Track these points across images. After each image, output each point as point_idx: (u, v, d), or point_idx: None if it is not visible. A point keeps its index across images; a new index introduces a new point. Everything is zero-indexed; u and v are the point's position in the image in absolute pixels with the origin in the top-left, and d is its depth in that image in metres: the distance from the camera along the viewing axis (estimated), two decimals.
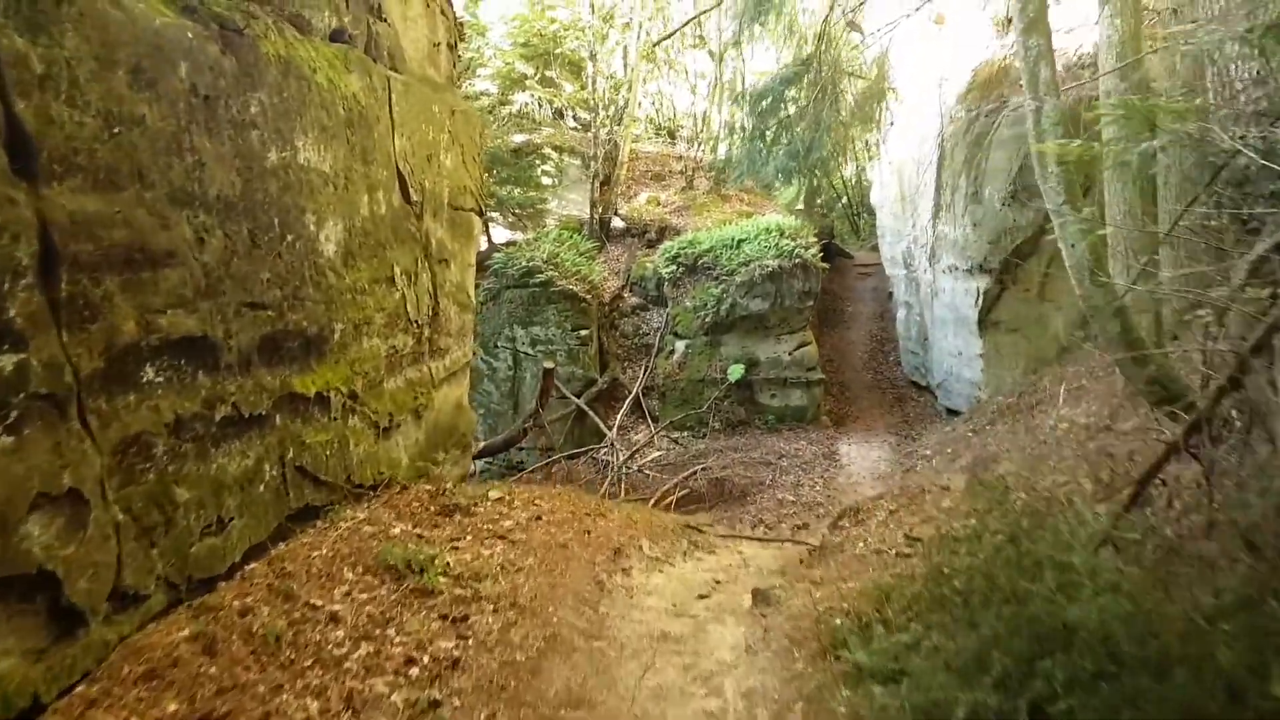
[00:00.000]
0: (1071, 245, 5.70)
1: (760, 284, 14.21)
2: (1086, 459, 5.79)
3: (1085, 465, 5.11)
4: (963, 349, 13.36)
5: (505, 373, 15.81)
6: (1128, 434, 6.32)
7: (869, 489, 11.31)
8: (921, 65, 15.41)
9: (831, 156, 12.03)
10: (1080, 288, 5.76)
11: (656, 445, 14.19)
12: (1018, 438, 9.82)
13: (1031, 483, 4.89)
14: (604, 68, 19.13)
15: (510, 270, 15.45)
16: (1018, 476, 5.09)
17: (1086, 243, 5.63)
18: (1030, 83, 5.69)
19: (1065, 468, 5.02)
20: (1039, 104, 5.64)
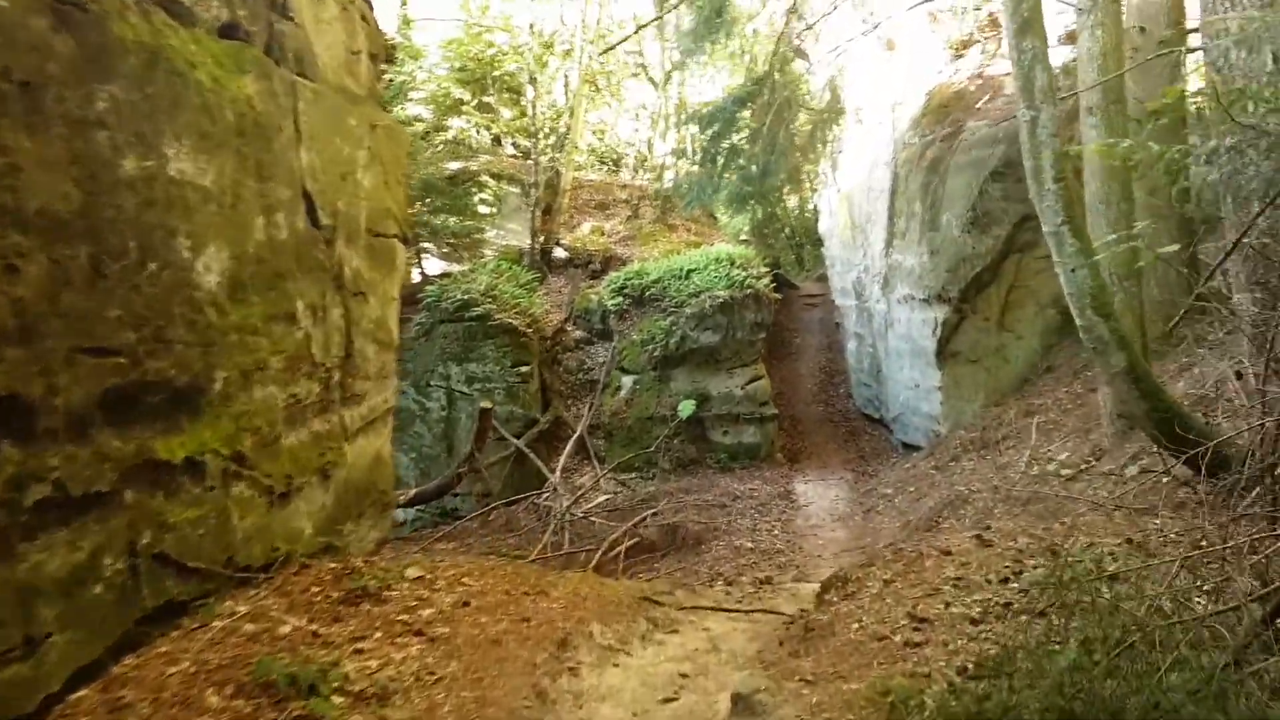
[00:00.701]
0: (1071, 271, 5.10)
1: (711, 316, 13.53)
2: (1097, 511, 5.13)
3: (1104, 521, 4.44)
4: (920, 381, 12.84)
5: (439, 413, 14.80)
6: (1133, 480, 5.70)
7: (830, 531, 10.62)
8: (873, 90, 15.06)
9: (787, 182, 11.45)
10: (1081, 318, 5.15)
11: (603, 488, 13.32)
12: (986, 477, 9.23)
13: (1047, 543, 4.17)
14: (545, 93, 18.45)
15: (444, 303, 14.52)
16: (1028, 534, 4.38)
17: (1090, 269, 5.02)
18: (1025, 89, 5.12)
19: (1084, 525, 4.33)
20: (1035, 113, 5.06)
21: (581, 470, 14.09)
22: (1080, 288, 5.06)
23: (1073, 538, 4.18)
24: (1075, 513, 5.34)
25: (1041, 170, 5.07)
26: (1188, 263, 8.87)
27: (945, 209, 12.04)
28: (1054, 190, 5.04)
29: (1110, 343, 4.98)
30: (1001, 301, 11.85)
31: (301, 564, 4.64)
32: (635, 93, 23.64)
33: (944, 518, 8.85)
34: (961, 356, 12.14)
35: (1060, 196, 5.04)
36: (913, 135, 13.29)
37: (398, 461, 15.29)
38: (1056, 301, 11.63)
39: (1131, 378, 4.94)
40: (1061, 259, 5.13)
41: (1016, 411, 10.65)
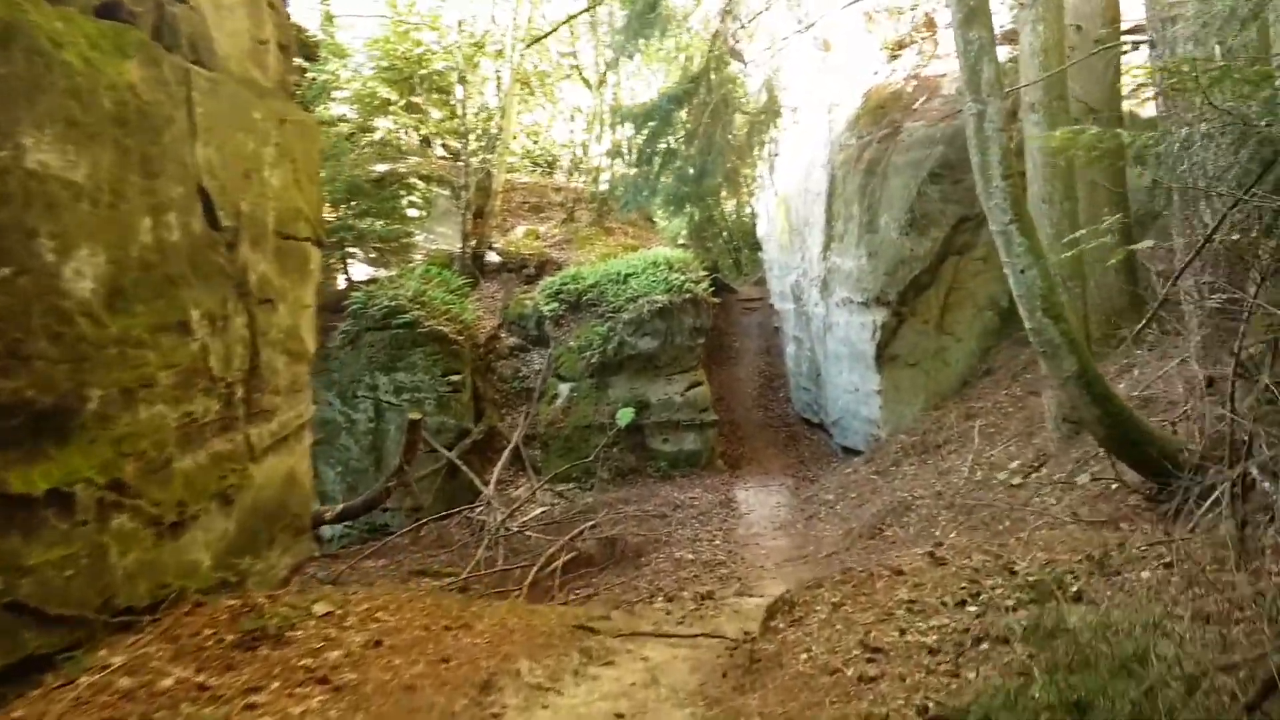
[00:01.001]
0: (1020, 272, 4.91)
1: (649, 321, 13.23)
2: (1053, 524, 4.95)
3: (1061, 534, 4.23)
4: (859, 385, 12.73)
5: (366, 425, 14.19)
6: (1084, 488, 5.54)
7: (771, 540, 10.38)
8: (809, 92, 14.96)
9: (724, 183, 11.21)
10: (1031, 320, 4.96)
11: (539, 500, 12.90)
12: (929, 482, 9.09)
13: (1003, 560, 3.94)
14: (476, 94, 17.95)
15: (371, 311, 13.92)
16: (982, 551, 4.14)
17: (1039, 269, 4.84)
18: (971, 82, 4.92)
19: (1040, 539, 4.11)
20: (982, 106, 4.86)
21: (517, 482, 13.65)
22: (1030, 289, 4.87)
23: (1029, 554, 3.94)
24: (1028, 525, 5.16)
25: (989, 166, 4.88)
26: (1124, 264, 8.89)
27: (883, 211, 11.95)
28: (1002, 187, 4.84)
29: (1061, 346, 4.81)
30: (940, 304, 11.81)
31: (195, 602, 4.16)
32: (570, 96, 23.30)
33: (887, 525, 8.68)
34: (900, 360, 12.07)
35: (1008, 194, 4.84)
36: (850, 137, 13.20)
37: (323, 476, 14.70)
38: (994, 304, 11.66)
39: (1083, 382, 4.77)
40: (1010, 259, 4.94)
41: (957, 415, 10.58)
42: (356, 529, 14.17)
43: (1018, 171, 4.85)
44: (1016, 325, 11.73)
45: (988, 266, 11.73)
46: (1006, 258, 4.96)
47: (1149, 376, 7.08)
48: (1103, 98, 7.77)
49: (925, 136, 11.61)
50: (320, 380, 14.40)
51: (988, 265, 11.73)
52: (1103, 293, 9.02)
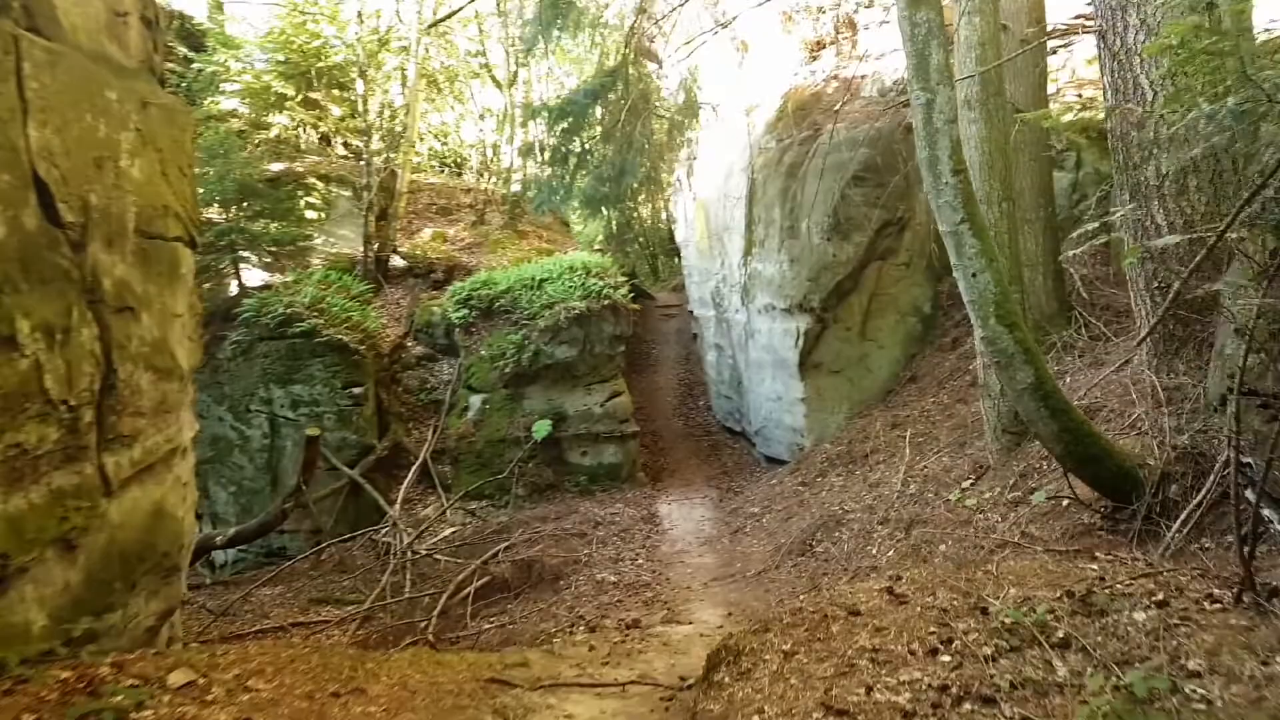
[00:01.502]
0: (973, 275, 4.54)
1: (567, 328, 12.63)
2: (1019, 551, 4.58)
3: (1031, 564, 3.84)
4: (782, 393, 12.42)
5: (260, 442, 13.17)
6: (1033, 506, 5.20)
7: (697, 557, 9.92)
8: (726, 94, 14.64)
9: (644, 184, 10.72)
10: (983, 328, 4.59)
11: (449, 520, 12.15)
12: (859, 495, 8.78)
13: (973, 598, 3.52)
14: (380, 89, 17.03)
15: (264, 319, 12.92)
16: (947, 587, 3.72)
17: (992, 273, 4.47)
18: (919, 69, 4.52)
19: (1010, 572, 3.71)
20: (930, 95, 4.47)
21: (425, 501, 12.85)
22: (982, 295, 4.51)
23: (1001, 590, 3.53)
24: (982, 548, 4.81)
25: (938, 161, 4.50)
26: (1051, 269, 8.76)
27: (805, 215, 11.68)
28: (953, 184, 4.47)
29: (1016, 356, 4.45)
30: (863, 310, 11.60)
31: (17, 678, 3.38)
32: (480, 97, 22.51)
33: (817, 541, 8.32)
34: (824, 367, 11.80)
35: (959, 191, 4.47)
36: (769, 139, 12.91)
37: (214, 496, 13.61)
38: (917, 310, 11.50)
39: (1040, 394, 4.42)
40: (961, 262, 4.57)
41: (883, 423, 10.34)
42: (252, 553, 13.20)
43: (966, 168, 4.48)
44: (939, 332, 11.70)
45: (910, 272, 11.61)
46: (957, 260, 4.59)
47: (1083, 383, 6.89)
48: (1030, 98, 7.59)
49: (848, 139, 11.38)
50: (211, 394, 13.34)
51: (910, 271, 11.60)
52: (1031, 298, 8.89)
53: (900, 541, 6.73)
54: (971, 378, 9.88)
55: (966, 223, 4.46)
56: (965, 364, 10.40)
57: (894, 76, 11.59)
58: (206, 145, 14.02)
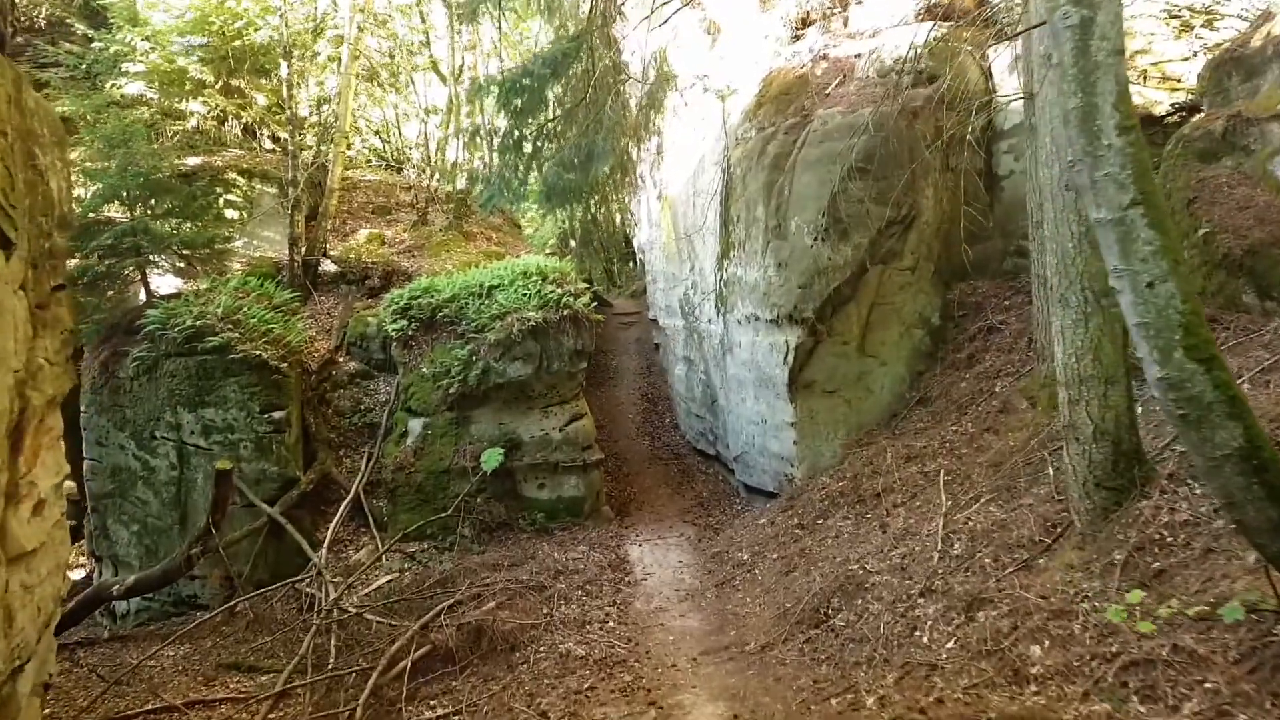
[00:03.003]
0: (1148, 285, 3.04)
1: (520, 342, 10.95)
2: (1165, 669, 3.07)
3: None
4: (767, 416, 10.91)
5: (167, 474, 11.29)
6: (1202, 622, 3.70)
7: (680, 618, 8.35)
8: (695, 82, 13.12)
9: (616, 169, 9.10)
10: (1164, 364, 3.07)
11: (385, 566, 10.39)
12: (881, 549, 7.27)
13: None
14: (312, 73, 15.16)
15: (171, 332, 11.04)
16: None
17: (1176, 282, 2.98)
18: None
19: None
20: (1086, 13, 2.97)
21: (358, 542, 11.08)
22: (1162, 314, 3.00)
23: None
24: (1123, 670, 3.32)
25: (1096, 113, 3.01)
26: None
27: (794, 213, 10.20)
28: (1120, 147, 2.99)
29: (1216, 406, 2.97)
30: (862, 322, 10.15)
31: None
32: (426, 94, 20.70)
33: (834, 609, 6.80)
34: (817, 386, 10.32)
35: (1130, 159, 2.99)
36: (748, 128, 11.42)
37: (115, 536, 11.65)
38: (924, 321, 10.13)
39: (1251, 465, 2.97)
40: (1128, 265, 3.06)
41: (895, 455, 8.87)
42: (159, 601, 11.35)
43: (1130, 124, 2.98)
44: (951, 346, 10.26)
45: (916, 278, 10.21)
46: (1122, 263, 3.09)
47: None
48: None
49: (844, 125, 9.94)
50: (111, 419, 11.45)
51: (916, 276, 10.20)
52: None
53: (961, 627, 5.22)
54: (1000, 403, 8.48)
55: (1140, 206, 2.97)
56: (986, 385, 9.02)
57: (895, 54, 10.17)
58: (107, 134, 12.09)
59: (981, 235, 10.63)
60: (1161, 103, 9.98)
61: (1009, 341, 9.39)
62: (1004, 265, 10.39)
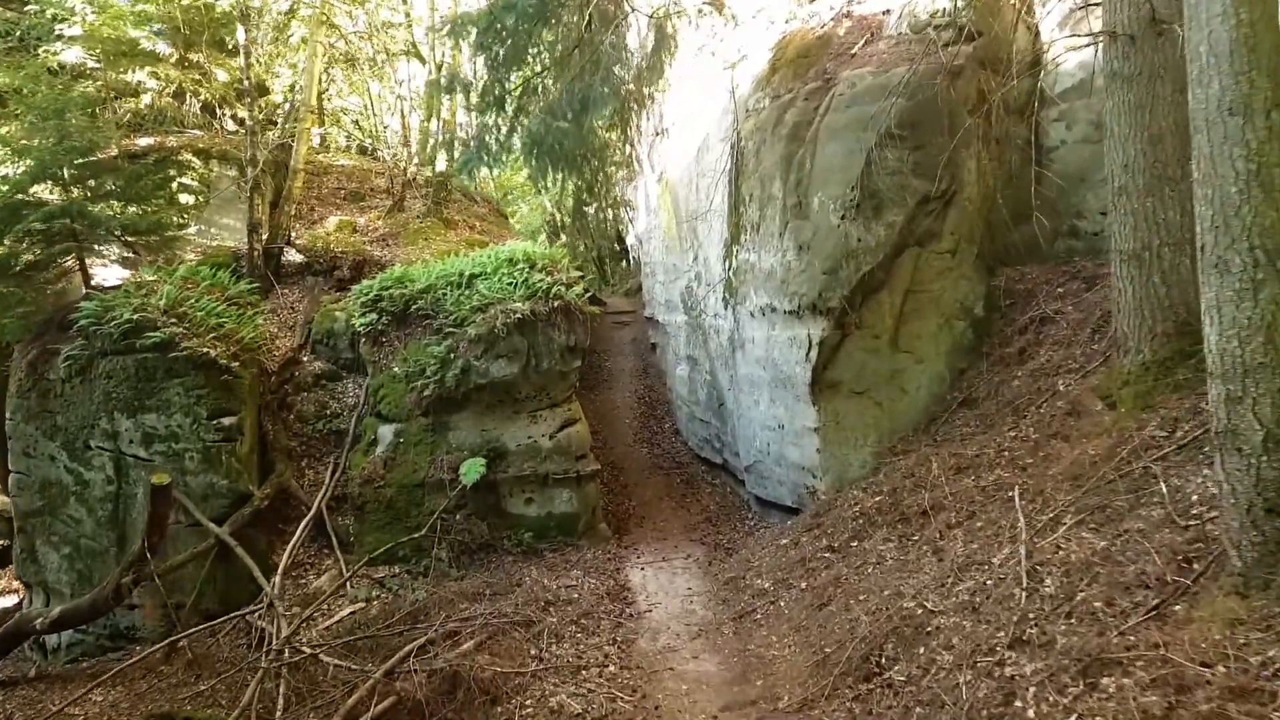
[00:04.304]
0: None
1: (505, 338, 9.64)
2: None
3: None
4: (785, 420, 9.63)
5: (103, 489, 9.96)
6: None
7: (694, 661, 7.06)
8: (697, 53, 11.88)
9: (618, 123, 7.79)
10: None
11: (350, 594, 9.06)
12: (940, 580, 5.98)
13: None
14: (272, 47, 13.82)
15: (107, 328, 9.71)
16: None
17: None
18: None
19: None
20: None
21: (320, 565, 9.76)
22: None
23: None
24: None
25: None
26: None
27: (817, 188, 8.94)
28: None
29: None
30: (895, 312, 8.88)
31: None
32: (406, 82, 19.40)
33: (889, 659, 5.51)
34: (843, 387, 9.05)
35: None
36: (761, 97, 10.17)
37: (43, 560, 10.29)
38: (966, 311, 8.89)
39: None
40: None
41: (941, 466, 7.58)
42: (93, 634, 10.03)
43: None
44: (998, 340, 8.92)
45: (957, 262, 8.95)
46: None
47: None
48: None
49: (874, 86, 8.68)
50: (40, 426, 10.12)
51: (957, 260, 8.95)
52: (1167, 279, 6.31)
53: (1081, 699, 3.94)
54: (1067, 404, 7.20)
55: None
56: (1045, 384, 7.74)
57: (930, 6, 8.93)
58: (38, 105, 10.78)
59: (1028, 215, 9.40)
60: None
61: (1067, 334, 8.12)
62: (1055, 248, 9.14)
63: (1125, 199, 6.42)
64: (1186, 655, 3.80)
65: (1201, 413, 5.86)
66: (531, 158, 7.12)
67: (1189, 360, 6.23)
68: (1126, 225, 6.45)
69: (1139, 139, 6.32)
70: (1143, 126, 6.29)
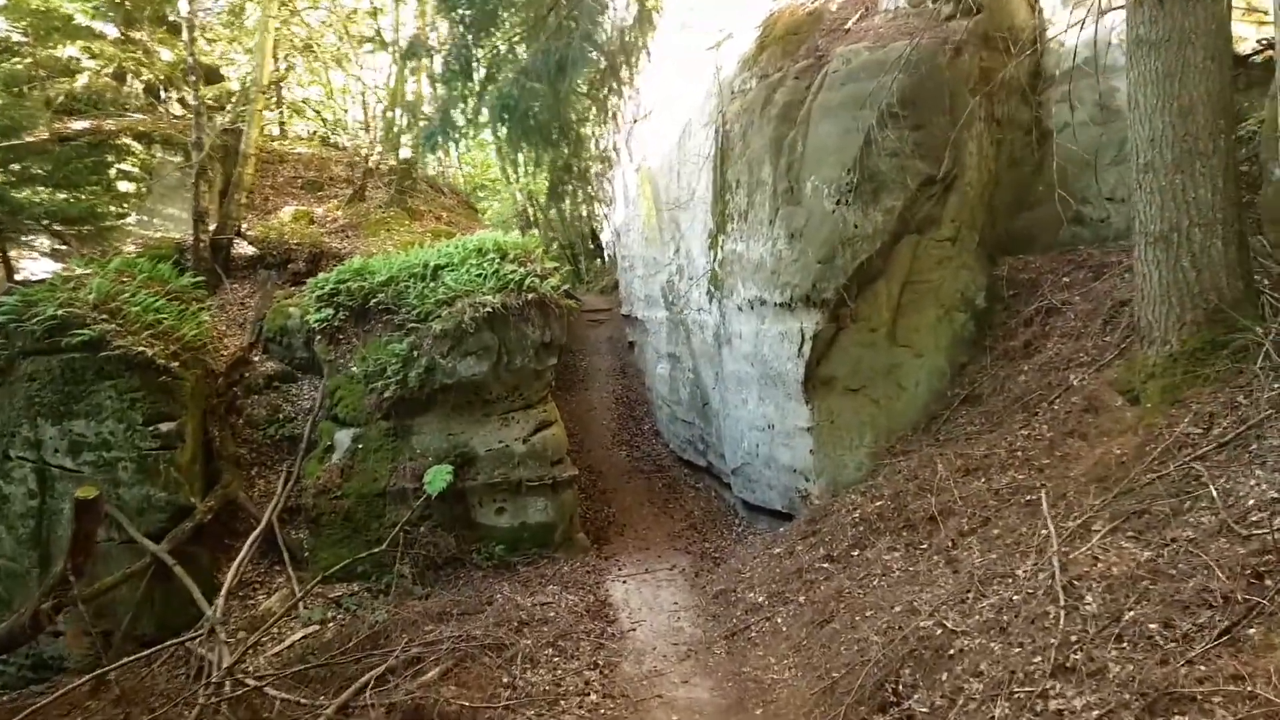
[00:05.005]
0: None
1: (474, 333, 8.92)
2: None
3: None
4: (776, 420, 9.02)
5: (24, 503, 9.04)
6: None
7: (683, 687, 6.43)
8: (680, 30, 11.24)
9: (601, 88, 7.09)
10: None
11: (304, 616, 8.27)
12: (959, 598, 5.37)
13: None
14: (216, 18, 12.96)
15: (29, 325, 8.83)
16: None
17: None
18: None
19: None
20: None
21: (271, 584, 8.94)
22: None
23: None
24: None
25: None
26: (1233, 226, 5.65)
27: (810, 171, 8.35)
28: None
29: None
30: (893, 304, 8.30)
31: None
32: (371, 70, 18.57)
33: (906, 687, 4.90)
34: (838, 383, 8.46)
35: None
36: (748, 78, 9.59)
37: None
38: (967, 302, 8.34)
39: None
40: None
41: (947, 467, 7.00)
42: (14, 665, 9.08)
43: None
44: (1001, 333, 8.32)
45: (957, 250, 8.40)
46: None
47: None
48: None
49: (871, 62, 8.11)
50: None
51: (957, 249, 8.40)
52: (1206, 273, 5.75)
53: None
54: (1083, 399, 6.64)
55: None
56: (1056, 378, 7.19)
57: None
58: None
59: (1030, 201, 8.88)
60: (1247, 39, 8.27)
61: (1077, 325, 7.59)
62: (1059, 236, 8.61)
63: (1152, 176, 5.87)
64: (1277, 690, 3.22)
65: (1240, 407, 5.33)
66: (501, 123, 6.39)
67: (1221, 351, 5.70)
68: (1153, 204, 5.90)
69: (1167, 110, 5.77)
70: (1171, 97, 5.74)
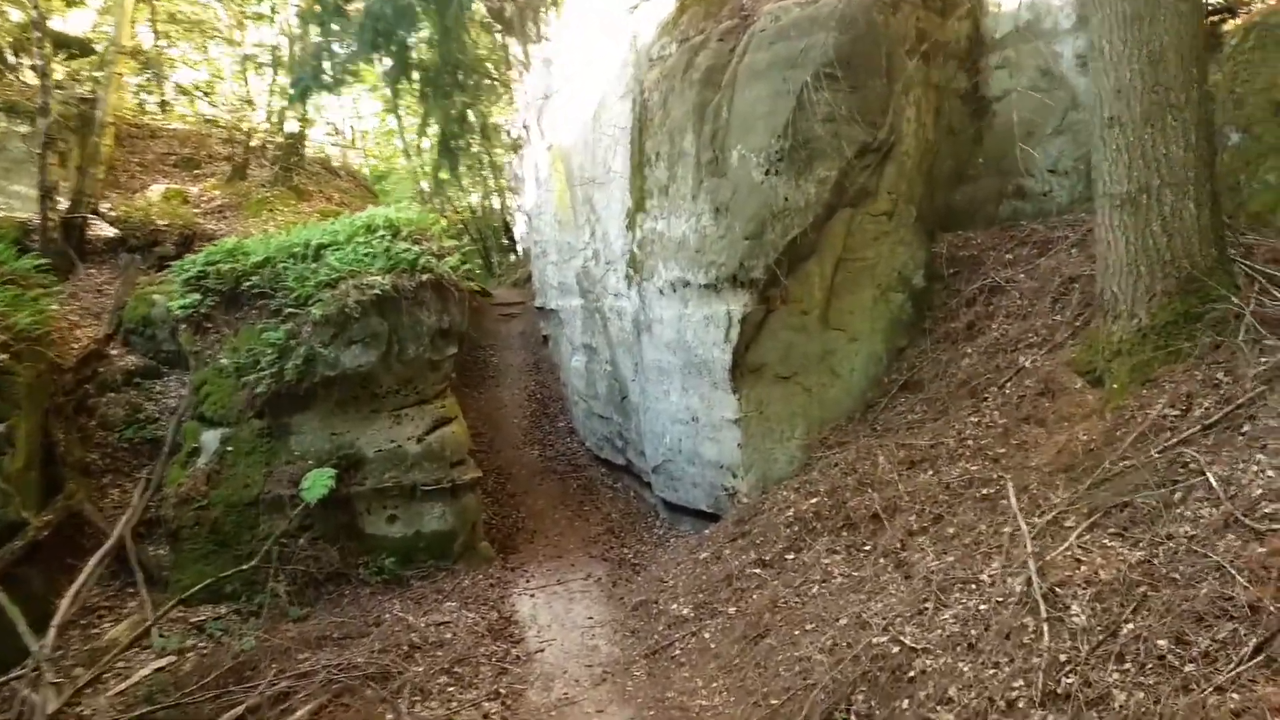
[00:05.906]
0: None
1: (360, 319, 7.84)
2: None
3: None
4: (700, 412, 8.24)
5: None
6: None
7: (595, 713, 5.57)
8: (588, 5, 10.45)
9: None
10: None
11: (158, 645, 7.08)
12: (915, 607, 4.66)
13: None
14: None
15: None
16: None
17: None
18: None
19: None
20: None
21: (123, 608, 7.69)
22: None
23: None
24: None
25: None
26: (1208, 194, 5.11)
27: (736, 140, 7.61)
28: None
29: None
30: (826, 284, 7.62)
31: None
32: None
33: (862, 715, 4.12)
34: (767, 371, 7.73)
35: None
36: (667, 43, 8.83)
37: None
38: (904, 281, 7.73)
39: None
40: None
41: (889, 459, 6.32)
42: None
43: None
44: (941, 314, 7.62)
45: (894, 225, 7.77)
46: None
47: None
48: None
49: (802, 19, 7.41)
50: None
51: (894, 223, 7.77)
52: (1177, 239, 5.18)
53: None
54: (1038, 382, 6.05)
55: None
56: (1004, 360, 6.61)
57: None
58: None
59: (970, 174, 8.34)
60: None
61: (1023, 305, 7.03)
62: (999, 210, 8.09)
63: (1118, 131, 5.29)
64: None
65: (1222, 386, 4.76)
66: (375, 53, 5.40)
67: (1196, 324, 5.14)
68: (1119, 163, 5.31)
69: (1136, 58, 5.19)
70: (1140, 42, 5.17)
